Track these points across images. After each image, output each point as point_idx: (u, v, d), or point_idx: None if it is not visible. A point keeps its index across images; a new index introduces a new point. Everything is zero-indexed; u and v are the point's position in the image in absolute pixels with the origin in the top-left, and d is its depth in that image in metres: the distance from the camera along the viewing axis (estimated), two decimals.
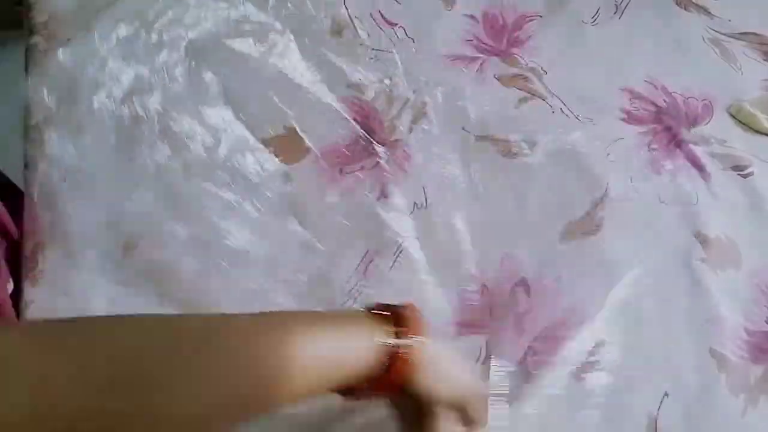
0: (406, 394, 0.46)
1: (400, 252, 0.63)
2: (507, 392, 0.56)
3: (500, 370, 0.58)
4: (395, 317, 0.46)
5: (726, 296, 0.63)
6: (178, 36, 0.77)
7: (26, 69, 0.72)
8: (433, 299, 0.61)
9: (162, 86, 0.70)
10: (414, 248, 0.63)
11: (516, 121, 0.72)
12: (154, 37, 0.75)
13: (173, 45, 0.75)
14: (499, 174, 0.69)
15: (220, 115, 0.69)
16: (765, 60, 0.79)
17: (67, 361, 0.35)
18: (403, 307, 0.48)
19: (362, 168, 0.67)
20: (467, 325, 0.61)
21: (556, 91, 0.75)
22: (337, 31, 0.77)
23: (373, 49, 0.75)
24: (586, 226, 0.65)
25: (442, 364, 0.48)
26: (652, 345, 0.60)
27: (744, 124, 0.74)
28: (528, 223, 0.66)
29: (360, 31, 0.76)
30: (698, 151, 0.71)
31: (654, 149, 0.72)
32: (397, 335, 0.45)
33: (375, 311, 0.47)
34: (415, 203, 0.66)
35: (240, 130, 0.68)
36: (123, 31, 0.76)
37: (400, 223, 0.65)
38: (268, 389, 0.40)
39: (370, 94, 0.72)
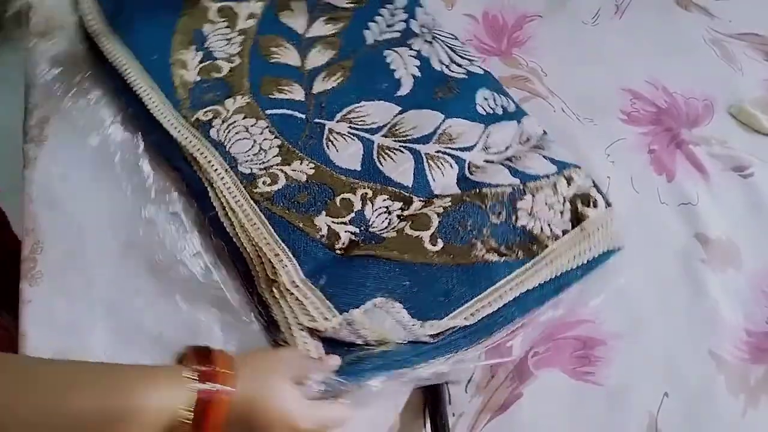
0: None
1: None
2: (507, 392, 0.57)
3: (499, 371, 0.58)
4: (205, 359, 0.46)
5: (726, 297, 0.62)
6: None
7: (26, 69, 0.72)
8: None
9: None
10: None
11: None
12: None
13: None
14: None
15: None
16: (765, 60, 0.79)
17: None
18: (209, 349, 0.47)
19: None
20: None
21: (556, 91, 0.75)
22: None
23: None
24: None
25: (265, 399, 0.47)
26: (652, 345, 0.60)
27: (744, 124, 0.74)
28: None
29: None
30: (698, 151, 0.71)
31: (654, 150, 0.71)
32: (205, 379, 0.44)
33: (183, 357, 0.46)
34: None
35: None
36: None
37: None
38: None
39: None
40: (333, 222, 0.61)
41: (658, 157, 0.71)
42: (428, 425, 0.55)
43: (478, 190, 0.63)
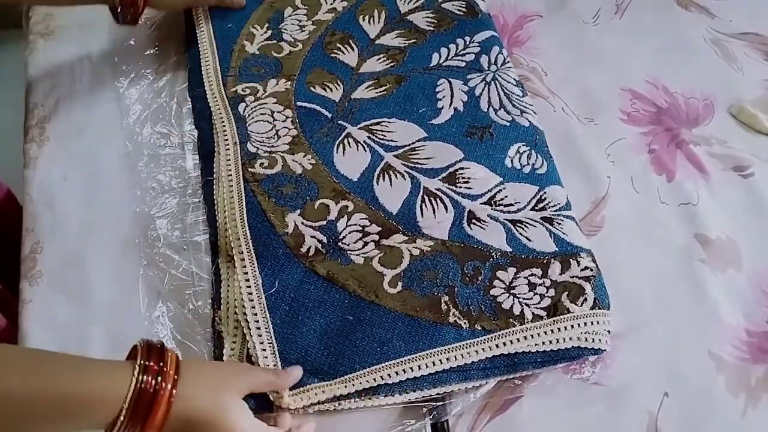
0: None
1: None
2: (507, 392, 0.57)
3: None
4: (154, 355, 0.46)
5: (726, 297, 0.62)
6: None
7: (26, 69, 0.73)
8: None
9: None
10: None
11: None
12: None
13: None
14: None
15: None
16: (766, 60, 0.79)
17: None
18: (156, 344, 0.47)
19: None
20: None
21: (557, 91, 0.75)
22: None
23: None
24: (586, 226, 0.65)
25: (215, 414, 0.47)
26: (652, 345, 0.60)
27: (745, 124, 0.74)
28: None
29: None
30: (699, 151, 0.71)
31: (654, 149, 0.71)
32: (148, 374, 0.44)
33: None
34: None
35: None
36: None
37: None
38: None
39: None
40: (303, 222, 0.61)
41: (658, 157, 0.71)
42: (428, 425, 0.55)
43: (464, 245, 0.60)
